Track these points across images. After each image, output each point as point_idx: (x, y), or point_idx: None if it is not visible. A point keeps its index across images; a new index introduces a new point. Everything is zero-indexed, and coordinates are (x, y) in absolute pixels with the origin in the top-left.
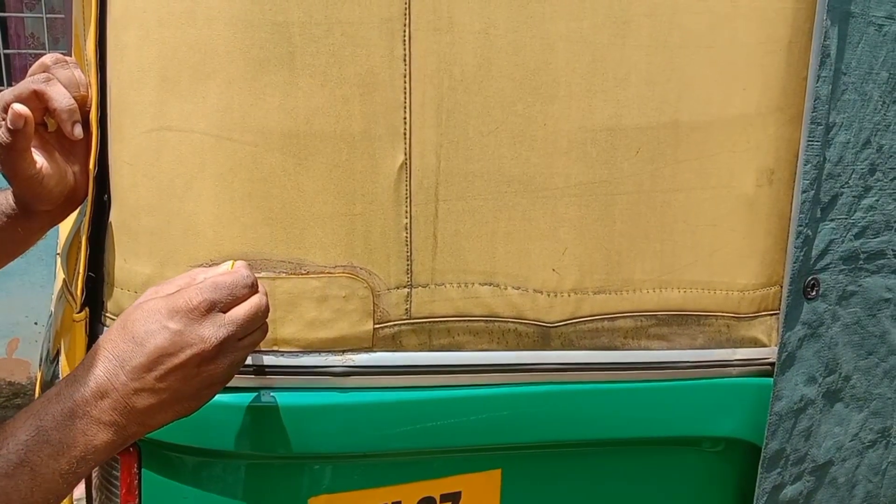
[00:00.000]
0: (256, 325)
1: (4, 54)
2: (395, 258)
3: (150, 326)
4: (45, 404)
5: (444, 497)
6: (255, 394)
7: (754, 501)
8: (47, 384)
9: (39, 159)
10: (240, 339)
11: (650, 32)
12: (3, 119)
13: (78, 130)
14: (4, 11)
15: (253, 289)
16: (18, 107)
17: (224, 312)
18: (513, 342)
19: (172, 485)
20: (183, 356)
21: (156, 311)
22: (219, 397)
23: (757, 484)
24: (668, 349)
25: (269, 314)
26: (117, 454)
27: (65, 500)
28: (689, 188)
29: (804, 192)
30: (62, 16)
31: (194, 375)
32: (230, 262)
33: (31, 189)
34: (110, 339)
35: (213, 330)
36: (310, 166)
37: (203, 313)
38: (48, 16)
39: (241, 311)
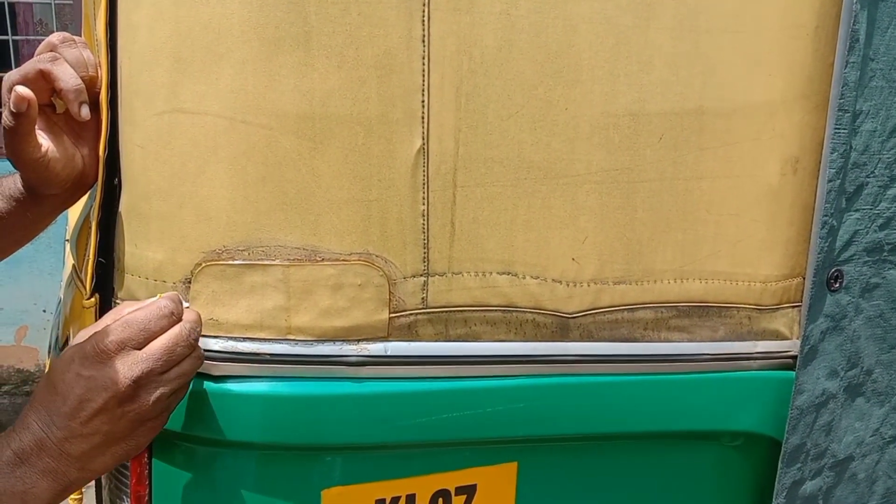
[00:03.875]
0: (178, 357)
1: (13, 41)
2: (411, 246)
3: (67, 375)
4: None
5: (459, 490)
6: (268, 383)
7: (773, 496)
8: None
9: (45, 142)
10: (164, 373)
11: (675, 15)
12: (9, 100)
13: (85, 111)
14: None
15: (172, 319)
16: (21, 89)
17: (139, 349)
18: (531, 333)
19: (183, 475)
20: (100, 400)
21: (70, 360)
22: (231, 387)
23: (776, 479)
24: (689, 341)
25: (282, 303)
26: None
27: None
28: (712, 176)
29: (830, 181)
30: (71, 2)
31: (119, 417)
32: (158, 296)
33: (38, 173)
34: (40, 388)
35: (125, 370)
36: (325, 150)
37: (112, 355)
38: (56, 2)
39: (156, 345)
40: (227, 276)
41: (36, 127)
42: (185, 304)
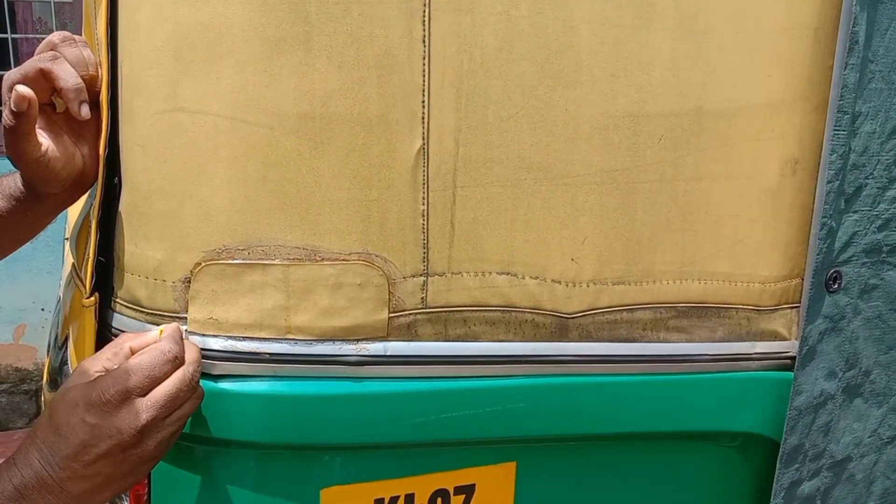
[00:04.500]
0: (181, 401)
1: (12, 39)
2: (411, 246)
3: (71, 419)
4: None
5: (457, 489)
6: (267, 382)
7: (771, 497)
8: (54, 370)
9: (45, 141)
10: (167, 417)
11: (675, 16)
12: (9, 100)
13: (85, 110)
14: None
15: (176, 363)
16: (21, 88)
17: (143, 396)
18: (530, 333)
19: (182, 474)
20: (104, 446)
21: (74, 404)
22: (230, 386)
23: (775, 479)
24: (687, 342)
25: (282, 303)
26: None
27: None
28: (711, 177)
29: (829, 182)
30: (70, 0)
31: (122, 461)
32: (159, 329)
33: (38, 172)
34: (43, 426)
35: (130, 420)
36: (325, 150)
37: (118, 405)
38: (56, 0)
39: (160, 391)
40: (227, 276)
41: (36, 126)
42: (184, 329)
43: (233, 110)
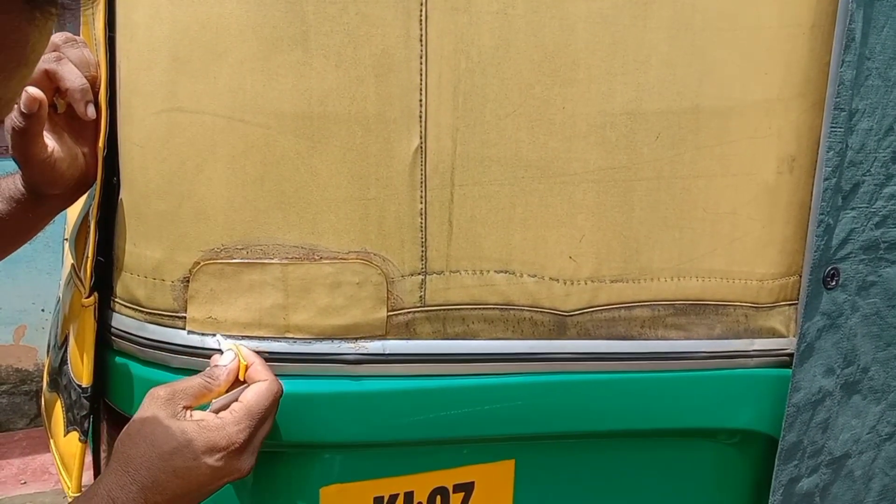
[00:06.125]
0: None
1: None
2: (409, 244)
3: (190, 463)
4: None
5: (456, 487)
6: None
7: (770, 494)
8: (54, 370)
9: (50, 142)
10: None
11: (672, 14)
12: (16, 102)
13: (91, 111)
14: None
15: (279, 397)
16: (33, 90)
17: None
18: (528, 331)
19: None
20: (219, 484)
21: (191, 446)
22: None
23: (773, 476)
24: (686, 339)
25: (281, 301)
26: None
27: (72, 488)
28: (709, 175)
29: (826, 179)
30: None
31: (218, 487)
32: (233, 347)
33: (44, 173)
34: (145, 463)
35: (249, 458)
36: (323, 149)
37: (244, 448)
38: None
39: (268, 424)
40: (226, 275)
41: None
42: (230, 341)
43: (230, 110)
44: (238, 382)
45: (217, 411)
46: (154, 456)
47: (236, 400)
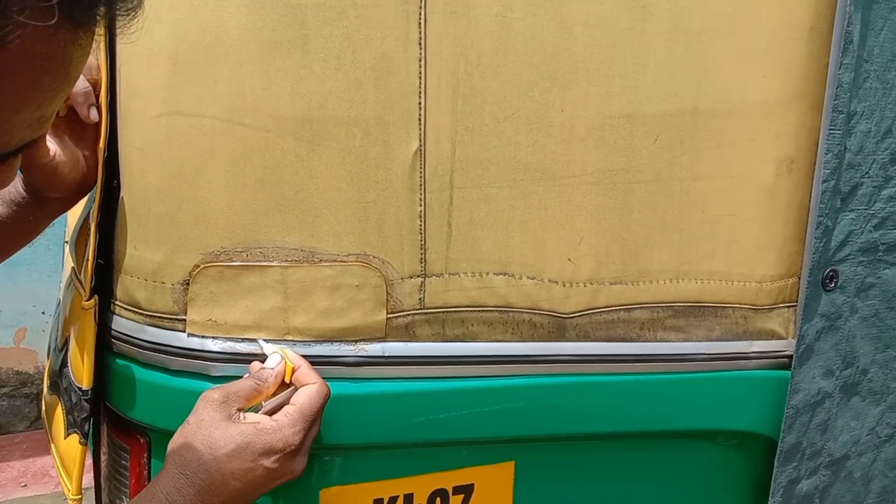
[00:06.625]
0: None
1: None
2: (408, 247)
3: (248, 465)
4: None
5: (456, 489)
6: None
7: (770, 495)
8: (55, 373)
9: (52, 146)
10: None
11: (670, 17)
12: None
13: (94, 114)
14: None
15: (329, 396)
16: None
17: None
18: (527, 333)
19: None
20: (273, 485)
21: (249, 448)
22: None
23: (773, 478)
24: (685, 341)
25: (280, 304)
26: (127, 444)
27: (72, 490)
28: (707, 177)
29: (824, 181)
30: None
31: (270, 488)
32: (278, 350)
33: (46, 177)
34: (203, 466)
35: (303, 461)
36: (323, 152)
37: (299, 450)
38: None
39: (317, 426)
40: (226, 278)
41: None
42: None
43: (230, 113)
44: (283, 385)
45: (269, 413)
46: (212, 459)
47: (286, 402)
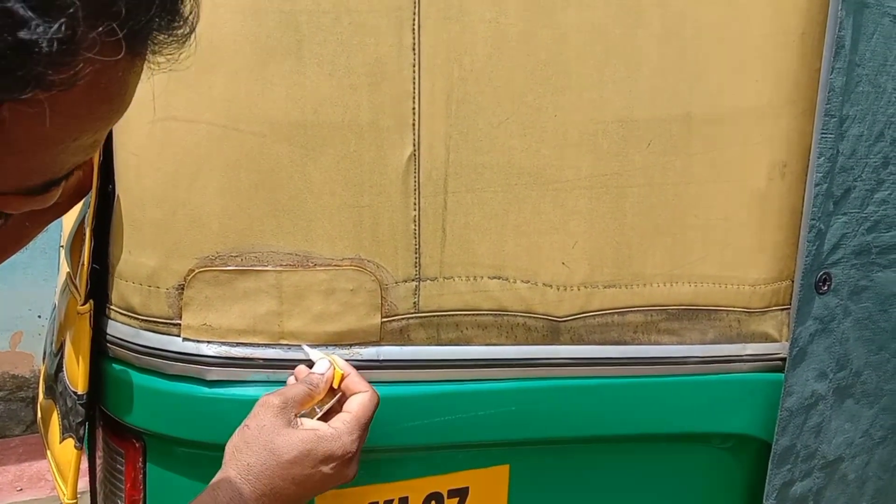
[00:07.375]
0: None
1: None
2: (403, 251)
3: (308, 471)
4: None
5: (451, 493)
6: (261, 387)
7: (764, 498)
8: (50, 377)
9: None
10: None
11: (663, 23)
12: None
13: None
14: None
15: (379, 403)
16: None
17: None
18: (522, 336)
19: (177, 479)
20: (326, 489)
21: (311, 455)
22: (224, 391)
23: (767, 480)
24: (678, 344)
25: (275, 308)
26: (122, 448)
27: (68, 495)
28: (700, 181)
29: (817, 185)
30: None
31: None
32: (325, 356)
33: None
34: (266, 471)
35: (356, 467)
36: (317, 157)
37: (355, 456)
38: None
39: (367, 433)
40: (221, 282)
41: None
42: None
43: (225, 119)
44: (331, 391)
45: (322, 420)
46: (275, 464)
47: (336, 408)
